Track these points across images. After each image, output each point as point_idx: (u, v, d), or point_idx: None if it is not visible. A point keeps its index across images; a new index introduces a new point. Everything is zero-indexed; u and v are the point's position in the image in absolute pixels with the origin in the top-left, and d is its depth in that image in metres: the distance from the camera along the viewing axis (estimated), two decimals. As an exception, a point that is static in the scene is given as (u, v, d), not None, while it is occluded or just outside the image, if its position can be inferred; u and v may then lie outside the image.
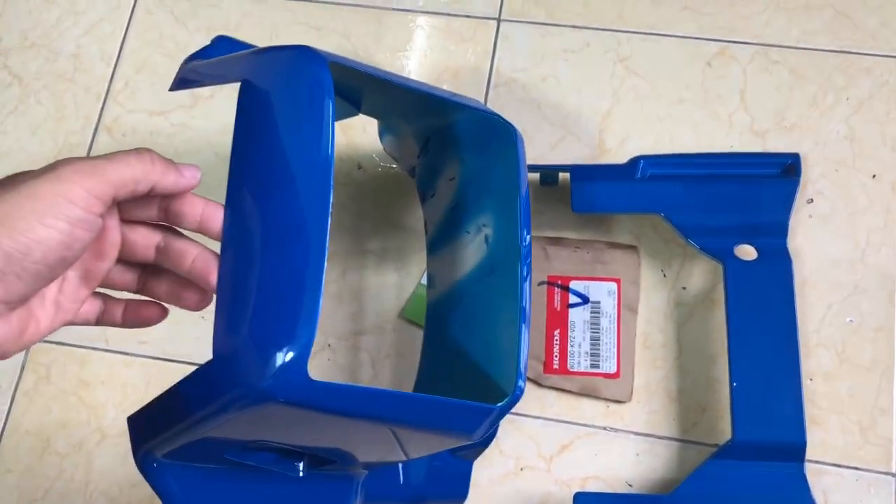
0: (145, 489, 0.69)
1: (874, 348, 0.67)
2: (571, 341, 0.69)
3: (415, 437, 0.54)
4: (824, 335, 0.67)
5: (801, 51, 0.74)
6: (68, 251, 0.41)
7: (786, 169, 0.69)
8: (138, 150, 0.43)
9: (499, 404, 0.52)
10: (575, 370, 0.68)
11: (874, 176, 0.71)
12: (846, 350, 0.67)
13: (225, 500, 0.55)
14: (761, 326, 0.63)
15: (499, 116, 0.60)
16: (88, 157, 0.41)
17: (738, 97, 0.74)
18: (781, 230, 0.66)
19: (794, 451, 0.61)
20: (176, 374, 0.72)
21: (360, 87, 0.59)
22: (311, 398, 0.44)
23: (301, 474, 0.54)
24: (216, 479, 0.54)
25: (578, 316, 0.70)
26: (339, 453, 0.55)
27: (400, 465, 0.64)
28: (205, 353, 0.71)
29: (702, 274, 0.70)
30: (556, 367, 0.68)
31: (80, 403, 0.72)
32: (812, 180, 0.71)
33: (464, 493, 0.64)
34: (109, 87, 0.81)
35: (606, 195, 0.68)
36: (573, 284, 0.70)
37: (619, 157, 0.72)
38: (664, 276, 0.70)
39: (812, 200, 0.70)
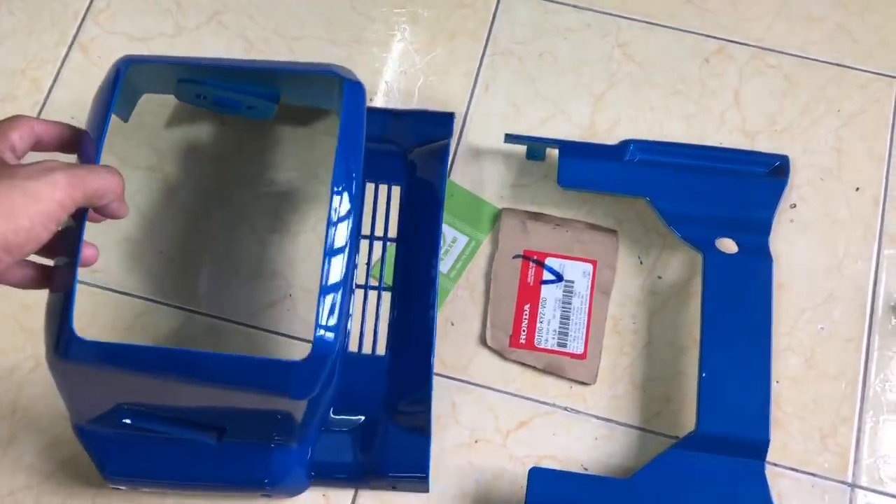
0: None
1: (842, 358, 0.66)
2: (541, 318, 0.67)
3: (231, 399, 0.53)
4: (795, 340, 0.67)
5: (799, 59, 0.74)
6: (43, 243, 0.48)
7: (774, 170, 0.68)
8: (111, 169, 0.50)
9: (297, 359, 0.50)
10: (542, 347, 0.66)
11: (858, 189, 0.70)
12: (814, 357, 0.66)
13: (151, 462, 0.59)
14: (736, 320, 0.62)
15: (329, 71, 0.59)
16: (74, 165, 0.48)
17: (733, 96, 0.73)
18: (765, 228, 0.66)
19: (757, 447, 0.59)
20: (127, 307, 0.69)
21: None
22: (78, 355, 0.51)
23: (215, 443, 0.58)
24: (146, 444, 0.59)
25: (551, 293, 0.68)
26: (209, 417, 0.58)
27: (350, 440, 0.62)
28: (161, 289, 0.69)
29: (679, 265, 0.69)
30: (522, 341, 0.66)
31: (18, 328, 0.68)
32: (797, 186, 0.70)
33: (422, 467, 0.61)
34: (90, 5, 0.77)
35: (593, 174, 0.67)
36: (549, 261, 0.68)
37: (609, 140, 0.70)
38: (641, 263, 0.69)
39: (795, 205, 0.70)
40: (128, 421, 0.57)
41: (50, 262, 0.53)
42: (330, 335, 0.50)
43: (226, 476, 0.60)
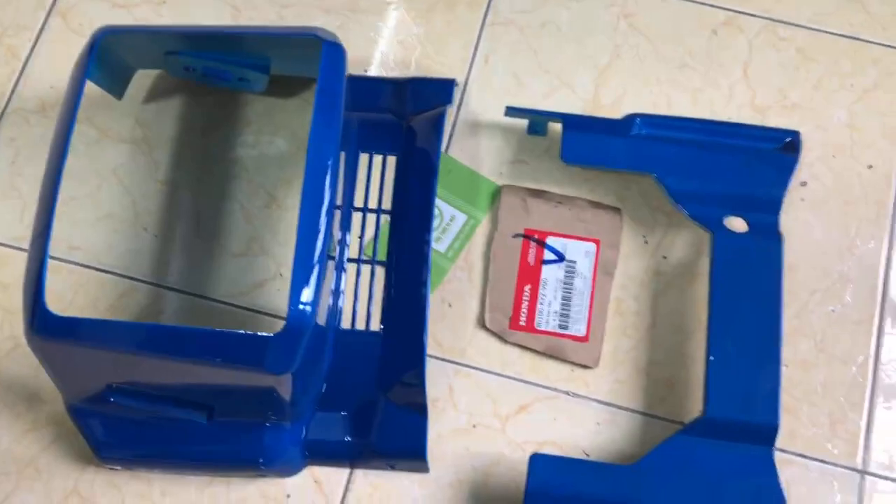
0: (51, 406, 0.62)
1: (853, 341, 0.64)
2: (542, 299, 0.64)
3: (212, 375, 0.52)
4: (804, 322, 0.64)
5: (811, 31, 0.71)
6: None
7: (785, 146, 0.65)
8: None
9: (272, 333, 0.49)
10: (542, 329, 0.64)
11: (871, 166, 0.68)
12: (825, 340, 0.64)
13: (145, 442, 0.58)
14: (745, 301, 0.60)
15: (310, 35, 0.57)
16: None
17: (742, 70, 0.70)
18: (775, 206, 0.63)
19: (766, 433, 0.57)
20: (109, 286, 0.66)
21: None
22: (51, 331, 0.50)
23: (205, 422, 0.56)
24: (141, 426, 0.57)
25: (552, 273, 0.65)
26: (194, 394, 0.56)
27: (346, 418, 0.60)
28: (144, 267, 0.66)
29: (684, 245, 0.66)
30: (522, 323, 0.64)
31: (-6, 307, 0.65)
32: (808, 163, 0.68)
33: (420, 445, 0.59)
34: (70, -31, 0.73)
35: (598, 149, 0.64)
36: (550, 240, 0.66)
37: (614, 114, 0.67)
38: (646, 242, 0.66)
39: (806, 183, 0.67)
40: (116, 399, 0.55)
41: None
42: (306, 308, 0.49)
43: (219, 455, 0.59)
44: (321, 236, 0.50)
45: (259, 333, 0.49)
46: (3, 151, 0.69)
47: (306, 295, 0.49)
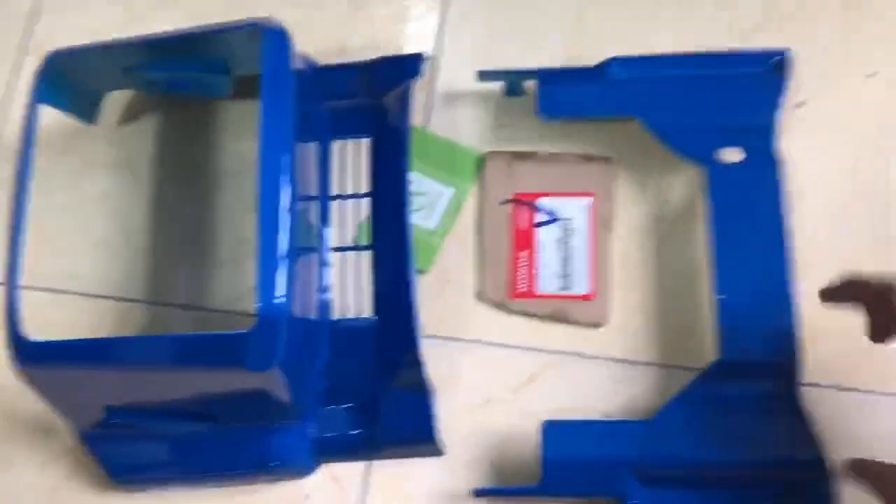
0: (65, 436, 0.62)
1: (873, 263, 0.60)
2: (540, 262, 0.62)
3: (200, 381, 0.51)
4: (818, 250, 0.61)
5: (790, -56, 0.68)
6: None
7: (773, 67, 0.62)
8: None
9: (243, 331, 0.48)
10: (545, 293, 0.62)
11: (874, 74, 0.64)
12: (843, 266, 0.60)
13: (156, 460, 0.59)
14: (748, 233, 0.57)
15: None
16: None
17: (722, -5, 0.67)
18: (769, 131, 0.60)
19: (787, 369, 0.54)
20: (110, 311, 0.65)
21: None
22: (32, 358, 0.51)
23: (211, 431, 0.56)
24: (150, 444, 0.58)
25: (548, 235, 0.63)
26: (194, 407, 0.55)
27: (352, 411, 0.59)
28: (142, 288, 0.66)
29: (683, 186, 0.63)
30: (524, 290, 0.62)
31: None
32: (802, 82, 0.64)
33: (428, 432, 0.58)
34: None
35: (576, 99, 0.62)
36: (540, 201, 0.64)
37: (593, 63, 0.65)
38: (643, 189, 0.64)
39: (803, 103, 0.64)
40: (117, 419, 0.55)
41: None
42: (277, 299, 0.48)
43: (231, 463, 0.58)
44: (284, 226, 0.49)
45: (234, 332, 0.48)
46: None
47: (274, 285, 0.48)
